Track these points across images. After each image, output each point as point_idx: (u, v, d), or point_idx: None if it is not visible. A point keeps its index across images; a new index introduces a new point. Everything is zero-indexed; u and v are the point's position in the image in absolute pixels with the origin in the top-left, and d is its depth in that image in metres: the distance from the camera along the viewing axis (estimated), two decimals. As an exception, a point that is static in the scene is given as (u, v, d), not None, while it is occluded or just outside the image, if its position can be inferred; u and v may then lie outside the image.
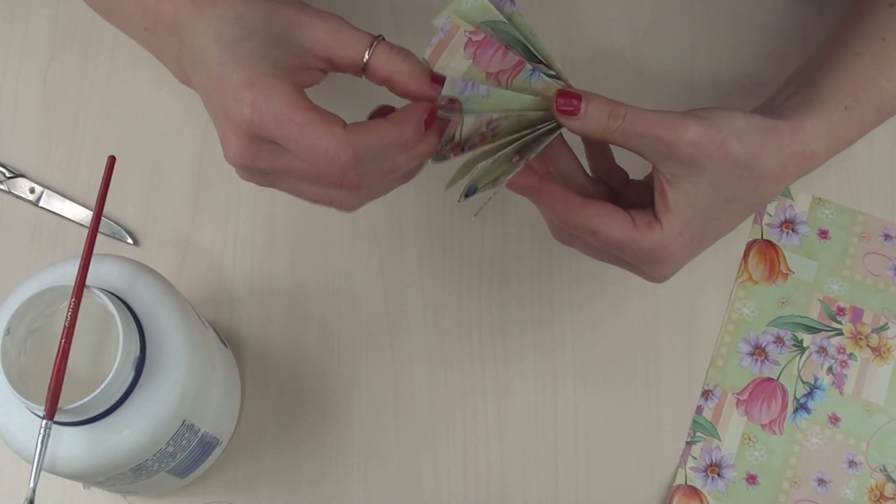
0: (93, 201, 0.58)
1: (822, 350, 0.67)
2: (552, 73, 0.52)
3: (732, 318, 0.68)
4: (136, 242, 0.69)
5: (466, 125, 0.51)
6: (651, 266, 0.55)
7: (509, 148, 0.52)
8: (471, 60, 0.51)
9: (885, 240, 0.69)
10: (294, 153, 0.49)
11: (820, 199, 0.70)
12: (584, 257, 0.62)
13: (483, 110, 0.51)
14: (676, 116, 0.52)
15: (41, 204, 0.69)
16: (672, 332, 0.67)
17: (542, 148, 0.52)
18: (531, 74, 0.51)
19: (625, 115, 0.51)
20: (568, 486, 0.65)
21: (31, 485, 0.50)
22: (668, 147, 0.51)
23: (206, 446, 0.60)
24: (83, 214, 0.69)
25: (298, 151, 0.49)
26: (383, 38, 0.51)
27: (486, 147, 0.52)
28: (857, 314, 0.68)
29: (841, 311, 0.68)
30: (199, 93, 0.54)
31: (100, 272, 0.54)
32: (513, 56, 0.51)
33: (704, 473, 0.65)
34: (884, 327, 0.67)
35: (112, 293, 0.53)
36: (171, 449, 0.55)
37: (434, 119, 0.50)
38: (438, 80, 0.50)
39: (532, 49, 0.52)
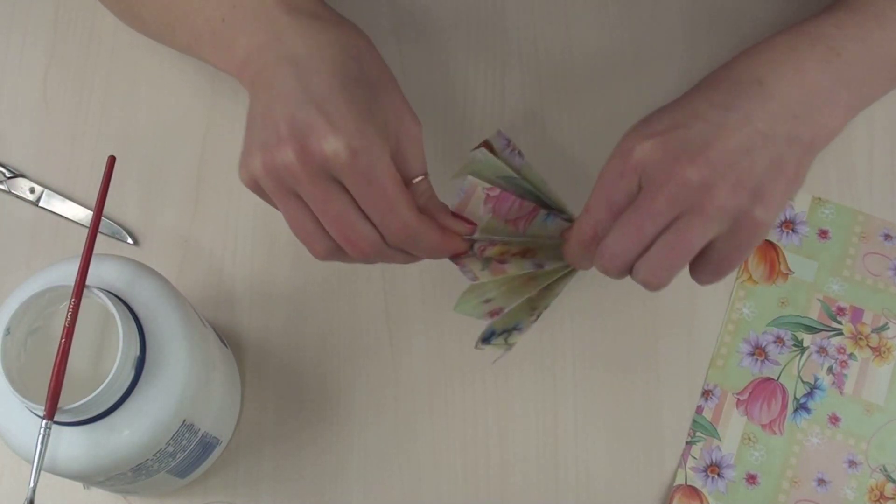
0: (93, 201, 0.58)
1: (822, 350, 0.67)
2: (566, 216, 0.57)
3: (732, 318, 0.68)
4: (136, 242, 0.69)
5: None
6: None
7: (524, 299, 0.57)
8: (490, 214, 0.56)
9: (885, 240, 0.69)
10: (364, 206, 0.51)
11: (820, 199, 0.70)
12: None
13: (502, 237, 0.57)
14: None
15: (41, 204, 0.69)
16: (672, 332, 0.67)
17: (554, 299, 0.59)
18: (546, 218, 0.57)
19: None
20: (568, 486, 0.65)
21: (31, 485, 0.50)
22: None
23: (206, 446, 0.60)
24: (83, 214, 0.69)
25: (373, 212, 0.51)
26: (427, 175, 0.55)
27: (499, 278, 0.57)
28: (857, 314, 0.68)
29: (841, 311, 0.68)
30: (257, 89, 0.53)
31: (100, 272, 0.54)
32: (528, 204, 0.56)
33: (704, 473, 0.65)
34: (884, 327, 0.67)
35: (112, 293, 0.53)
36: (171, 449, 0.55)
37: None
38: (461, 217, 0.56)
39: (543, 198, 0.57)
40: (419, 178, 0.54)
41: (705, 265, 0.54)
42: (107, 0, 0.66)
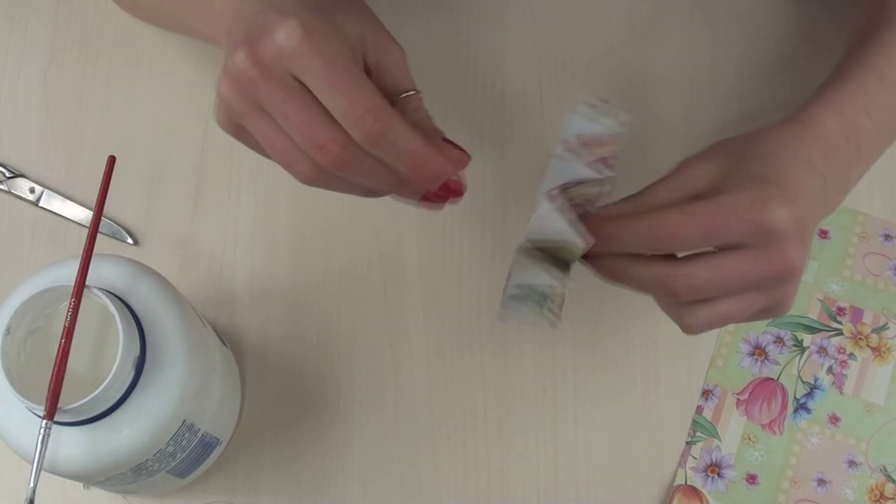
0: (93, 201, 0.59)
1: (822, 350, 0.67)
2: None
3: (732, 318, 0.68)
4: (136, 242, 0.69)
5: None
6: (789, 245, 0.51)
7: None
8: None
9: (885, 240, 0.69)
10: (324, 96, 0.46)
11: (820, 199, 0.70)
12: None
13: None
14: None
15: (41, 204, 0.69)
16: (672, 332, 0.67)
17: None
18: None
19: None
20: (568, 486, 0.65)
21: (31, 485, 0.50)
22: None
23: (206, 446, 0.60)
24: (83, 214, 0.69)
25: (334, 98, 0.46)
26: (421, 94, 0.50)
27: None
28: (857, 314, 0.68)
29: (841, 311, 0.68)
30: (232, 17, 0.50)
31: (100, 272, 0.54)
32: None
33: (704, 473, 0.65)
34: (884, 327, 0.67)
35: (112, 293, 0.53)
36: (171, 449, 0.55)
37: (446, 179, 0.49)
38: (449, 141, 0.50)
39: None
40: (409, 93, 0.49)
41: None
42: None
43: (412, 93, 0.50)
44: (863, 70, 0.58)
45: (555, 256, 0.52)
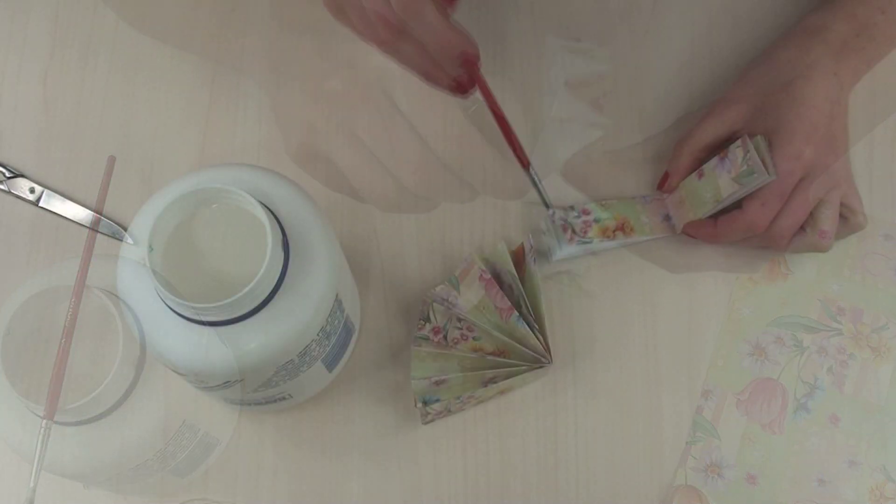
0: (93, 201, 0.59)
1: (822, 350, 0.67)
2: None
3: (732, 318, 0.68)
4: (136, 242, 0.69)
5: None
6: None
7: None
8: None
9: (885, 240, 0.69)
10: None
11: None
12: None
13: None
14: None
15: (41, 204, 0.69)
16: (672, 332, 0.67)
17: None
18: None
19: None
20: (568, 485, 0.65)
21: (31, 485, 0.50)
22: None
23: (206, 446, 0.60)
24: (83, 214, 0.69)
25: None
26: None
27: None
28: (857, 314, 0.68)
29: (841, 311, 0.68)
30: None
31: (100, 272, 0.54)
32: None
33: (704, 473, 0.65)
34: (884, 327, 0.67)
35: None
36: (171, 449, 0.56)
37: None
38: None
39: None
40: None
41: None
42: None
43: None
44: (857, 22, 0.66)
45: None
